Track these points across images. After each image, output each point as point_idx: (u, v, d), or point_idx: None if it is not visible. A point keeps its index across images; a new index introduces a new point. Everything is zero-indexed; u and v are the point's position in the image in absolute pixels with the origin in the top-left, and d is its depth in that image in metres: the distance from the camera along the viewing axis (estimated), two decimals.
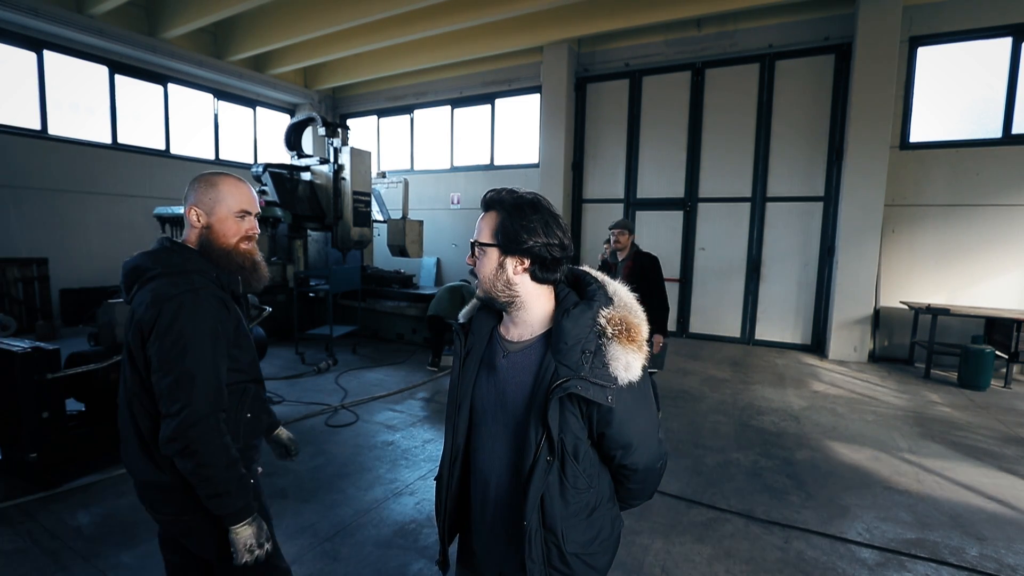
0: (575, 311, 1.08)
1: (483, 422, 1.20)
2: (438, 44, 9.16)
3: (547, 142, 8.92)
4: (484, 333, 1.23)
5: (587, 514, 1.16)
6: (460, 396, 1.22)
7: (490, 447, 1.19)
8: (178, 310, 1.26)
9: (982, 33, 6.47)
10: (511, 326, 1.19)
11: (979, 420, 4.68)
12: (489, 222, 1.13)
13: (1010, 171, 6.39)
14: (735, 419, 4.58)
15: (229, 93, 10.31)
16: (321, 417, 4.43)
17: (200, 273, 1.35)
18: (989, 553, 2.66)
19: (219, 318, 1.33)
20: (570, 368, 1.05)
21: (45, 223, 7.79)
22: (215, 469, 1.26)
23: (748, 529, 2.85)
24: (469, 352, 1.23)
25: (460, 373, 1.23)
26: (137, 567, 2.42)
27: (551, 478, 1.10)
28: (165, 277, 1.31)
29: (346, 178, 7.93)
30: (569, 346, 1.06)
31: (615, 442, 1.12)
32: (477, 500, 1.23)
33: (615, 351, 1.05)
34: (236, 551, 1.32)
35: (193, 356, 1.26)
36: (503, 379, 1.16)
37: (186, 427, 1.23)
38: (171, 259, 1.35)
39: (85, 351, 3.47)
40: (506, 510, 1.18)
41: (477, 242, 1.15)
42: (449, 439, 1.25)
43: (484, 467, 1.20)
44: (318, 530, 2.75)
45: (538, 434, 1.08)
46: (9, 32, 7.30)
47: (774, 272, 7.84)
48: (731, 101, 7.89)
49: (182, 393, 1.24)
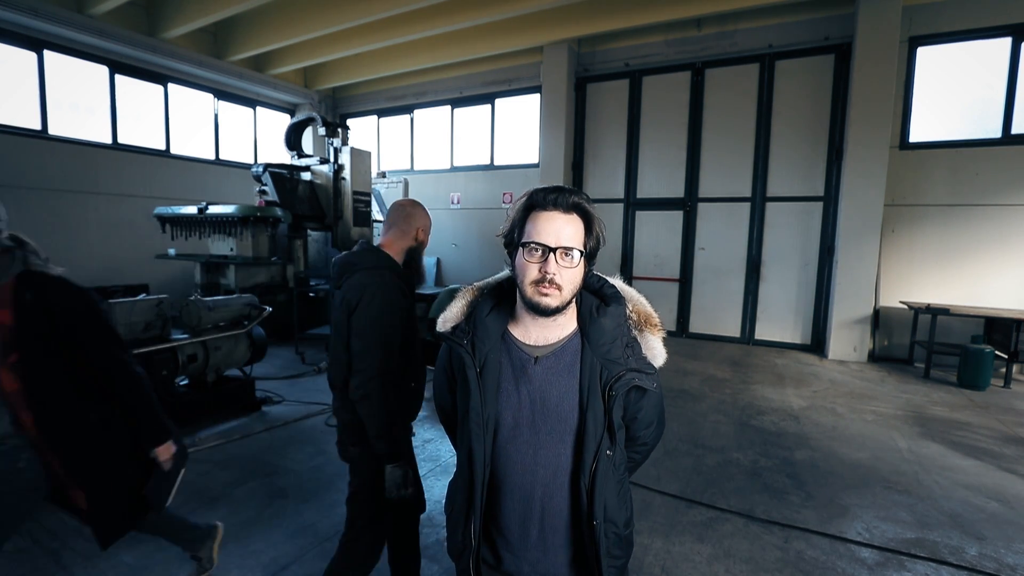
0: (611, 309, 1.12)
1: (515, 436, 1.10)
2: (438, 44, 9.16)
3: (547, 142, 8.92)
4: (495, 340, 1.13)
5: (622, 492, 1.19)
6: (486, 415, 1.09)
7: (530, 459, 1.10)
8: (372, 296, 1.69)
9: (982, 33, 6.47)
10: (537, 329, 1.12)
11: (979, 420, 4.69)
12: (576, 226, 1.04)
13: (1010, 171, 6.39)
14: (735, 419, 4.58)
15: (229, 93, 10.30)
16: (321, 417, 4.43)
17: (389, 269, 1.78)
18: (989, 553, 2.66)
19: (399, 304, 1.75)
20: (616, 363, 1.09)
21: (45, 223, 7.78)
22: (380, 417, 1.67)
23: (748, 529, 2.85)
24: (485, 364, 1.11)
25: (479, 388, 1.10)
26: (138, 567, 2.42)
27: (610, 470, 1.12)
28: (367, 271, 1.75)
29: (346, 178, 7.94)
30: (611, 342, 1.10)
31: (644, 422, 1.21)
32: (515, 520, 1.12)
33: (649, 340, 1.14)
34: (387, 486, 1.71)
35: (378, 330, 1.68)
36: (540, 386, 1.09)
37: (367, 380, 1.66)
38: (371, 259, 1.78)
39: None
40: (558, 518, 1.12)
41: (568, 249, 1.02)
42: (480, 465, 1.11)
43: (523, 482, 1.10)
44: (318, 530, 2.76)
45: (599, 431, 1.08)
46: (9, 32, 7.30)
47: (774, 272, 7.84)
48: (731, 101, 7.89)
49: (368, 356, 1.66)
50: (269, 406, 4.66)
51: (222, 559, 2.49)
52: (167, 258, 7.41)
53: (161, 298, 3.97)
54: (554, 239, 1.02)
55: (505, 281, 1.19)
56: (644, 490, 3.22)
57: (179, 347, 3.99)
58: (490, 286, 1.21)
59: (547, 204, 1.04)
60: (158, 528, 2.13)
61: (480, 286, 1.22)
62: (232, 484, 3.23)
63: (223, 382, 4.47)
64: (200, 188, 9.61)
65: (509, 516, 1.13)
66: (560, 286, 1.02)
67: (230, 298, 4.55)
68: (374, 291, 1.70)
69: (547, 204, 1.04)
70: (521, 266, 1.05)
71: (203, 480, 3.27)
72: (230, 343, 4.41)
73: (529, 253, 1.03)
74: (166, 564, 2.45)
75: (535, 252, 1.02)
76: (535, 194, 1.06)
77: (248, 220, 6.78)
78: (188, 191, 9.38)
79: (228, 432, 4.06)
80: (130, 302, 3.77)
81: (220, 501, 3.03)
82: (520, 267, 1.05)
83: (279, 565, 2.46)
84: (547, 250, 1.02)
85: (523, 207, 1.07)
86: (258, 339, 4.64)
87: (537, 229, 1.03)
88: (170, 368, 3.90)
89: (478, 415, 1.10)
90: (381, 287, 1.71)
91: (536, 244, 1.02)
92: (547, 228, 1.02)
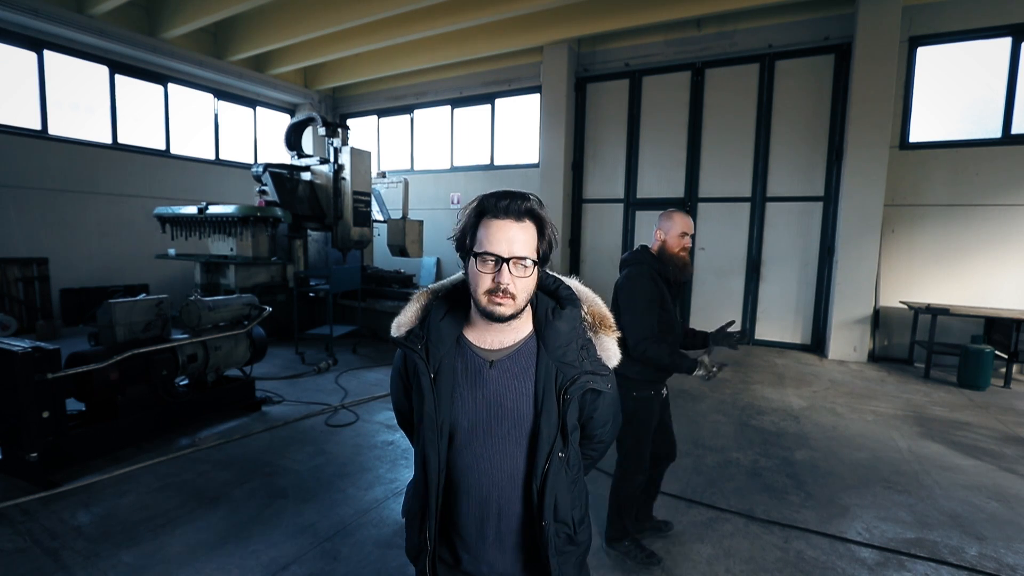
0: (567, 312, 1.12)
1: (471, 440, 1.10)
2: (438, 44, 9.16)
3: (547, 142, 8.92)
4: (449, 344, 1.10)
5: (575, 492, 1.20)
6: (440, 419, 1.08)
7: (487, 462, 1.10)
8: (633, 282, 2.34)
9: (982, 33, 6.47)
10: (492, 333, 1.10)
11: (979, 420, 4.69)
12: (529, 233, 1.03)
13: (1010, 171, 6.39)
14: (735, 419, 4.58)
15: (229, 93, 10.31)
16: (321, 417, 4.43)
17: (647, 264, 2.38)
18: (989, 553, 2.66)
19: (652, 289, 2.32)
20: (571, 365, 1.09)
21: (45, 223, 7.78)
22: (663, 359, 2.27)
23: (748, 529, 2.85)
24: (440, 369, 1.09)
25: (433, 394, 1.08)
26: (137, 567, 2.42)
27: (561, 471, 1.12)
28: (634, 265, 2.41)
29: (346, 178, 7.94)
30: (566, 345, 1.10)
31: (600, 421, 1.22)
32: (472, 521, 1.13)
33: (604, 341, 1.15)
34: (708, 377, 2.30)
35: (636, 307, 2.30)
36: (495, 389, 1.09)
37: (636, 342, 2.24)
38: (637, 256, 2.43)
39: (85, 351, 3.47)
40: (514, 519, 1.13)
41: (522, 259, 1.01)
42: (435, 470, 1.10)
43: (479, 484, 1.10)
44: (318, 530, 2.76)
45: (552, 434, 1.09)
46: (9, 32, 7.30)
47: (774, 272, 7.84)
48: (731, 101, 7.89)
49: (631, 326, 2.25)
50: (269, 406, 4.66)
51: (222, 559, 2.50)
52: (167, 258, 7.41)
53: (161, 298, 3.97)
54: (507, 249, 1.00)
55: (460, 284, 1.17)
56: None
57: (179, 347, 3.99)
58: (445, 289, 1.18)
59: (498, 212, 1.01)
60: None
61: (435, 289, 1.19)
62: (232, 484, 3.23)
63: (223, 382, 4.47)
64: (200, 188, 9.61)
65: (466, 517, 1.13)
66: (514, 295, 1.01)
67: (230, 298, 4.55)
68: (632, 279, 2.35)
69: (498, 212, 1.01)
70: (474, 275, 1.03)
71: (203, 480, 3.27)
72: (230, 343, 4.41)
73: (482, 263, 1.01)
74: (166, 564, 2.45)
75: (488, 262, 1.01)
76: (486, 200, 1.03)
77: (248, 220, 6.78)
78: (188, 191, 9.38)
79: (228, 432, 4.06)
80: (130, 302, 3.77)
81: (220, 501, 3.03)
82: (473, 275, 1.04)
83: (279, 565, 2.46)
84: (500, 260, 1.00)
85: (474, 212, 1.04)
86: (258, 339, 4.64)
87: (490, 238, 1.01)
88: (170, 368, 3.90)
89: (432, 420, 1.08)
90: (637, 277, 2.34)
91: (489, 254, 1.00)
92: (499, 237, 1.00)
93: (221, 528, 2.76)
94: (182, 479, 3.28)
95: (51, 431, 3.15)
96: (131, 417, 3.69)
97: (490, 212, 1.02)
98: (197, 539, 2.65)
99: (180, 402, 4.04)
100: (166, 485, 3.20)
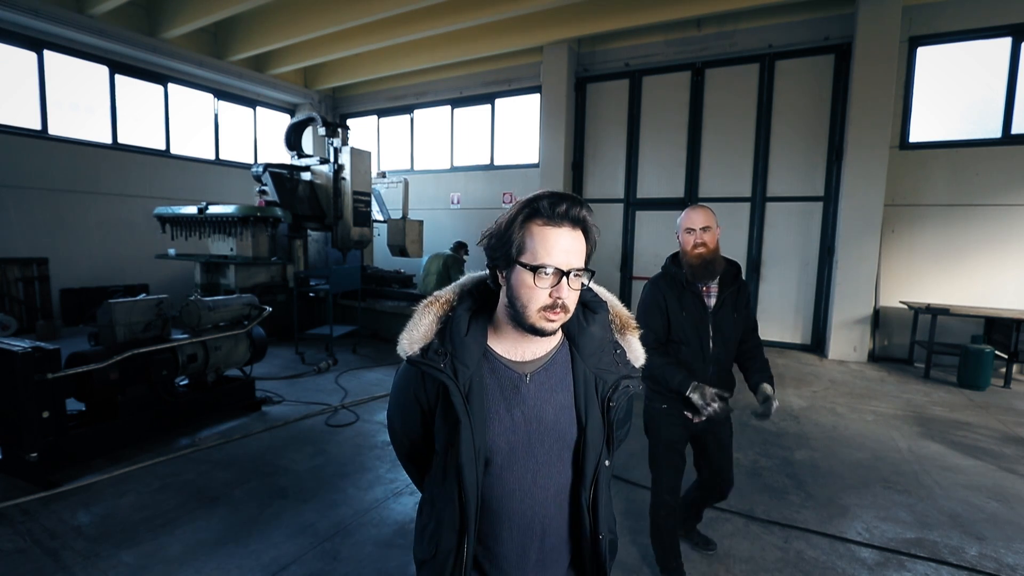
0: (599, 316, 1.07)
1: (512, 462, 1.00)
2: (438, 44, 9.16)
3: (547, 142, 8.92)
4: (476, 359, 0.98)
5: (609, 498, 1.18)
6: (478, 445, 0.96)
7: (529, 483, 1.00)
8: (644, 290, 2.32)
9: (982, 33, 6.47)
10: (525, 344, 1.02)
11: (979, 420, 4.69)
12: (582, 241, 0.94)
13: (1010, 171, 6.39)
14: (735, 418, 4.57)
15: (229, 93, 10.31)
16: (321, 417, 4.43)
17: (663, 269, 2.31)
18: (989, 553, 2.66)
19: (649, 295, 2.27)
20: (610, 371, 1.06)
21: (45, 223, 7.78)
22: (652, 370, 2.13)
23: (748, 528, 2.85)
24: (470, 388, 0.97)
25: (468, 417, 0.95)
26: (137, 567, 2.42)
27: (606, 481, 1.09)
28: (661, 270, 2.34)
29: (346, 178, 7.94)
30: (601, 350, 1.06)
31: (623, 422, 1.19)
32: (513, 547, 1.03)
33: (631, 342, 1.11)
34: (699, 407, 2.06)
35: (643, 314, 2.24)
36: (534, 405, 1.00)
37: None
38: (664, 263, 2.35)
39: (85, 351, 3.47)
40: (557, 537, 1.06)
41: (581, 271, 0.93)
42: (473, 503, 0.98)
43: (523, 508, 1.01)
44: (318, 530, 2.76)
45: (598, 444, 1.04)
46: (9, 32, 7.30)
47: (774, 272, 7.84)
48: (731, 101, 7.89)
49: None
50: (269, 406, 4.66)
51: (222, 559, 2.50)
52: (167, 258, 7.41)
53: (161, 298, 3.97)
54: (565, 260, 0.91)
55: (474, 290, 1.06)
56: (644, 490, 3.22)
57: (179, 347, 3.99)
58: (462, 298, 1.04)
59: (555, 217, 0.91)
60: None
61: (449, 299, 1.04)
62: (232, 484, 3.23)
63: (223, 382, 4.47)
64: (200, 188, 9.61)
65: (506, 545, 1.03)
66: (568, 308, 0.93)
67: (230, 298, 4.55)
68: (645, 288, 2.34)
69: (555, 217, 0.91)
70: (527, 288, 0.91)
71: (203, 480, 3.27)
72: (230, 343, 4.41)
73: (540, 277, 0.90)
74: (166, 564, 2.45)
75: (546, 276, 0.90)
76: (539, 202, 0.92)
77: (248, 220, 6.79)
78: (188, 191, 9.38)
79: (228, 432, 4.06)
80: (130, 302, 3.77)
81: (220, 501, 3.03)
82: (524, 288, 0.92)
83: (279, 565, 2.46)
84: (561, 273, 0.91)
85: (525, 217, 0.92)
86: (258, 339, 4.64)
87: (548, 248, 0.90)
88: (170, 368, 3.90)
89: (469, 447, 0.95)
90: (646, 284, 2.34)
91: (549, 268, 0.90)
92: (558, 247, 0.90)
93: (221, 528, 2.76)
94: (182, 479, 3.28)
95: (51, 431, 3.16)
96: (131, 417, 3.69)
97: (544, 217, 0.91)
98: (197, 539, 2.66)
99: (180, 402, 4.04)
100: (166, 485, 3.20)
